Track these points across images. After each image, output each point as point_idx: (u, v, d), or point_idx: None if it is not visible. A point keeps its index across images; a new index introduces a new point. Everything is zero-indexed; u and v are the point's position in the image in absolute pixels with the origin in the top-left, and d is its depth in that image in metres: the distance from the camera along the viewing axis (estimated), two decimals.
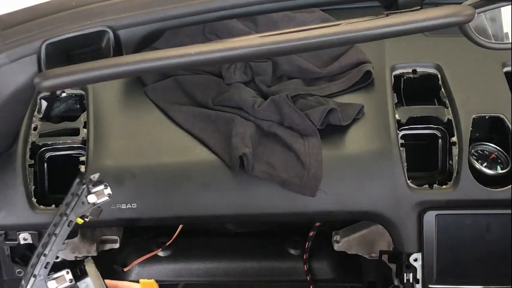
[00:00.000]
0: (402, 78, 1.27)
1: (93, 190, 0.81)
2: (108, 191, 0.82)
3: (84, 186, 0.81)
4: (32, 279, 0.80)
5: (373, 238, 1.26)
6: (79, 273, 0.83)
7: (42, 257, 0.80)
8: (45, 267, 0.81)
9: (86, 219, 0.83)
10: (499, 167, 1.16)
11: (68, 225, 0.81)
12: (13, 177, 1.14)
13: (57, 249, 0.81)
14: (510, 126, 1.16)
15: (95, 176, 0.83)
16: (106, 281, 0.87)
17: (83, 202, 0.81)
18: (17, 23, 0.88)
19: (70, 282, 0.81)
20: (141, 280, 0.85)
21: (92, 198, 0.81)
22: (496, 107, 1.19)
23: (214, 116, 1.21)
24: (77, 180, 0.83)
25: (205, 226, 1.48)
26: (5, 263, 1.33)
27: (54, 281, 0.81)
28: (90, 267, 0.83)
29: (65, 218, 0.81)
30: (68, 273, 0.82)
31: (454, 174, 1.14)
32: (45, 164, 1.21)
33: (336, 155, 1.15)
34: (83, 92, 1.27)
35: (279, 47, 0.76)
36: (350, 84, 1.25)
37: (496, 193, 1.12)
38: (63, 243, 0.82)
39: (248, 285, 1.40)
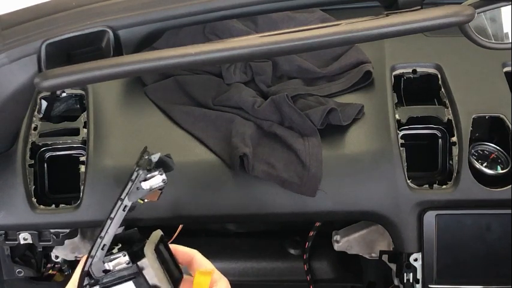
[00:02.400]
0: (402, 78, 1.27)
1: (148, 176, 0.80)
2: (164, 177, 0.80)
3: (140, 172, 0.80)
4: (90, 259, 0.80)
5: (373, 238, 1.26)
6: (139, 252, 0.82)
7: (99, 239, 0.80)
8: (102, 249, 0.80)
9: (145, 200, 0.82)
10: (499, 167, 1.16)
11: (123, 210, 0.80)
12: (13, 177, 1.14)
13: (113, 232, 0.80)
14: (510, 126, 1.16)
15: (156, 157, 0.81)
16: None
17: (137, 188, 0.80)
18: (17, 23, 0.88)
19: (127, 264, 0.81)
20: (198, 270, 0.83)
21: (146, 185, 0.80)
22: (496, 107, 1.19)
23: (214, 116, 1.21)
24: (141, 158, 0.82)
25: (206, 226, 1.48)
26: (5, 263, 1.33)
27: (111, 262, 0.81)
28: (148, 250, 0.82)
29: (120, 202, 0.80)
30: (124, 255, 0.81)
31: (454, 174, 1.14)
32: (45, 164, 1.21)
33: (336, 155, 1.15)
34: (83, 92, 1.27)
35: (279, 47, 0.76)
36: (350, 84, 1.25)
37: (496, 193, 1.12)
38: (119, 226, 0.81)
39: (248, 285, 1.40)
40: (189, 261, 0.86)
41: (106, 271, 0.82)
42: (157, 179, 0.80)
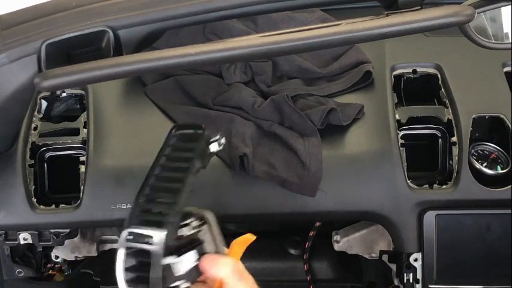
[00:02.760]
0: (402, 78, 1.27)
1: (213, 139, 0.80)
2: (224, 140, 0.82)
3: (206, 134, 0.79)
4: (170, 227, 0.75)
5: (373, 238, 1.27)
6: (203, 218, 0.81)
7: (178, 206, 0.77)
8: (178, 215, 0.77)
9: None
10: (499, 167, 1.16)
11: (194, 174, 0.79)
12: (13, 177, 1.14)
13: (186, 197, 0.78)
14: (510, 126, 1.16)
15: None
16: None
17: (205, 150, 0.80)
18: (17, 23, 0.88)
19: (194, 229, 0.78)
20: (235, 241, 0.82)
21: (212, 147, 0.81)
22: (496, 107, 1.19)
23: (214, 116, 1.21)
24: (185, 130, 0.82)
25: None
26: (5, 263, 1.33)
27: (182, 229, 0.78)
28: (209, 214, 0.81)
29: (192, 167, 0.78)
30: (196, 219, 0.79)
31: (454, 174, 1.14)
32: (45, 164, 1.21)
33: (336, 155, 1.15)
34: (83, 92, 1.27)
35: (279, 47, 0.76)
36: (350, 84, 1.25)
37: (496, 193, 1.12)
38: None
39: None
40: None
41: (177, 238, 0.77)
42: (222, 141, 0.81)
